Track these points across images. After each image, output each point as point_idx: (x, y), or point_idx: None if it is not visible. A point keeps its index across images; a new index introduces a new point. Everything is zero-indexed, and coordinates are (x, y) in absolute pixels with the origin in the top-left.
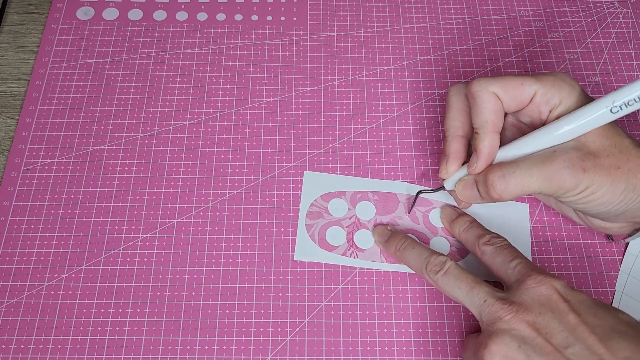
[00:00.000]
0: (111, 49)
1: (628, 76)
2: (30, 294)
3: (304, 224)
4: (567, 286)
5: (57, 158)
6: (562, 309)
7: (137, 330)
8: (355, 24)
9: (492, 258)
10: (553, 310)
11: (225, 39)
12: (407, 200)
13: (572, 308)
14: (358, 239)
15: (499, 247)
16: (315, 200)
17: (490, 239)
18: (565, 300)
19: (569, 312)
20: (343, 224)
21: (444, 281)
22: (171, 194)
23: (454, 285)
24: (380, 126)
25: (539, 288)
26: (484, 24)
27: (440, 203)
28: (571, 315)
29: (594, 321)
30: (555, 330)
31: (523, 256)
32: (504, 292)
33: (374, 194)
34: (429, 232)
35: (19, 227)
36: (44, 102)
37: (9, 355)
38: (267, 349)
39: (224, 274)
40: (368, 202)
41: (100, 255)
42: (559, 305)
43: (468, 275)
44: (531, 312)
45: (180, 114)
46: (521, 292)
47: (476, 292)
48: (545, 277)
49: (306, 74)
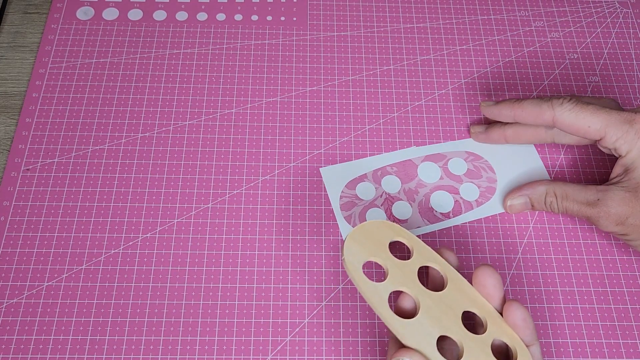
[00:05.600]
0: (111, 49)
1: (628, 76)
2: (30, 294)
3: (342, 217)
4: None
5: (57, 158)
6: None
7: (137, 330)
8: (355, 24)
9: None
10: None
11: (225, 39)
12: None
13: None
14: (397, 212)
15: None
16: (342, 191)
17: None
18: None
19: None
20: (377, 204)
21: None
22: (171, 194)
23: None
24: (380, 126)
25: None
26: (484, 24)
27: (455, 153)
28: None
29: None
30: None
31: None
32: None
33: (392, 166)
34: (454, 182)
35: (19, 227)
36: (44, 102)
37: (9, 355)
38: (267, 349)
39: (224, 274)
40: (390, 176)
41: (100, 255)
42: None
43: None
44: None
45: (180, 114)
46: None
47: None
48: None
49: (306, 74)
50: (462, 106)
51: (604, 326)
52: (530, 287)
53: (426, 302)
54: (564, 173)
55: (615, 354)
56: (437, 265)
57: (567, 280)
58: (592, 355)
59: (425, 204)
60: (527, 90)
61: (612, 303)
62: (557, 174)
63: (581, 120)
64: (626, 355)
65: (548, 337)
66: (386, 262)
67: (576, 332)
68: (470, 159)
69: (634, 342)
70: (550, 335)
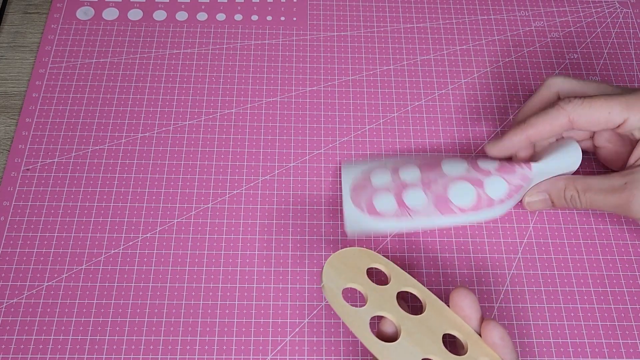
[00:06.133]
0: (111, 49)
1: (628, 76)
2: (30, 294)
3: (349, 197)
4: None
5: (57, 158)
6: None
7: (137, 330)
8: (355, 24)
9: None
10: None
11: (225, 39)
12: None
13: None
14: (409, 200)
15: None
16: (355, 177)
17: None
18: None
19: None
20: (389, 189)
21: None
22: (171, 194)
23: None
24: (380, 126)
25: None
26: (484, 24)
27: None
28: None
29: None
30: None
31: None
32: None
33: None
34: (480, 175)
35: (19, 227)
36: (44, 102)
37: (9, 355)
38: (267, 349)
39: (224, 274)
40: (410, 165)
41: (100, 255)
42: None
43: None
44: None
45: (180, 114)
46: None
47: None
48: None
49: (306, 74)
50: (462, 106)
51: (604, 326)
52: (530, 287)
53: (407, 325)
54: None
55: (615, 354)
56: (415, 289)
57: (567, 280)
58: (592, 355)
59: (442, 194)
60: (528, 90)
61: (612, 303)
62: None
63: (599, 109)
64: (626, 355)
65: (548, 337)
66: (365, 288)
67: (576, 332)
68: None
69: (634, 342)
70: (550, 335)
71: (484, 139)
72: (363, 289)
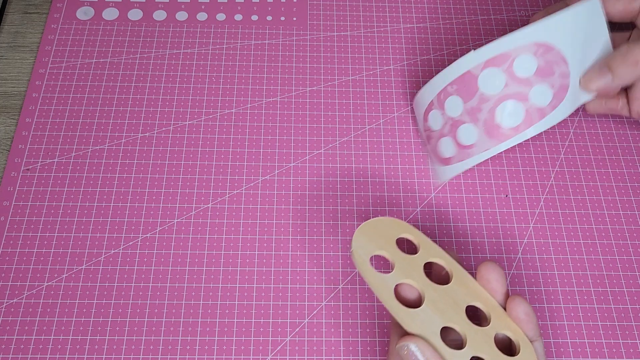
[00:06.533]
0: (111, 49)
1: None
2: (30, 294)
3: (428, 153)
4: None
5: (57, 158)
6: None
7: (137, 330)
8: (355, 24)
9: None
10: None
11: (225, 39)
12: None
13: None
14: (462, 137)
15: None
16: (422, 126)
17: None
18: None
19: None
20: (445, 132)
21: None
22: (171, 194)
23: None
24: (380, 126)
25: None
26: (484, 24)
27: (521, 50)
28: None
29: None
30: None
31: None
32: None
33: (452, 85)
34: (522, 87)
35: (19, 227)
36: (44, 102)
37: (9, 355)
38: (267, 349)
39: (224, 274)
40: (451, 97)
41: (100, 255)
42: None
43: None
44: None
45: (180, 114)
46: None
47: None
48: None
49: (306, 74)
50: None
51: (604, 326)
52: (530, 287)
53: (431, 294)
54: (564, 173)
55: (615, 354)
56: (442, 261)
57: (567, 280)
58: (592, 355)
59: (490, 121)
60: None
61: (612, 303)
62: (557, 174)
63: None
64: (626, 355)
65: (548, 337)
66: (393, 256)
67: (576, 332)
68: (540, 53)
69: (634, 342)
70: (550, 335)
71: None
72: (391, 256)
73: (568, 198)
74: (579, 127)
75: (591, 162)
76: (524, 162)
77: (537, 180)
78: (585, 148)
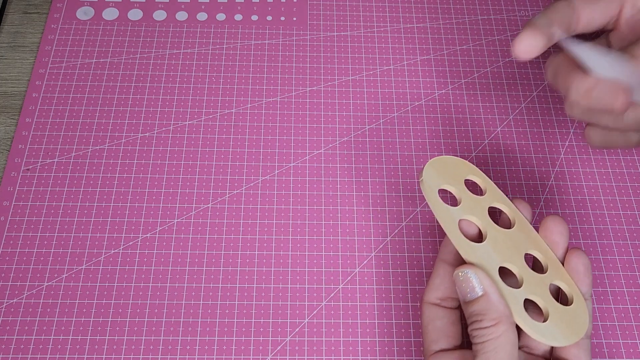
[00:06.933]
0: (111, 49)
1: None
2: (30, 294)
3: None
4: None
5: (57, 158)
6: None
7: (137, 330)
8: (355, 24)
9: None
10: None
11: (225, 39)
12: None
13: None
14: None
15: None
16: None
17: None
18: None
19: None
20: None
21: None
22: (171, 194)
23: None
24: (380, 126)
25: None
26: (484, 24)
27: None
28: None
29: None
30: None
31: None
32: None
33: None
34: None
35: (19, 227)
36: (44, 102)
37: (9, 355)
38: (267, 349)
39: (224, 274)
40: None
41: (100, 255)
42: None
43: None
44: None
45: (180, 114)
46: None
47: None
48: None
49: (306, 74)
50: (462, 106)
51: (604, 326)
52: None
53: (493, 234)
54: (564, 173)
55: (615, 354)
56: (507, 207)
57: None
58: (592, 355)
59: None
60: (527, 90)
61: (612, 303)
62: (557, 174)
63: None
64: (626, 355)
65: None
66: (460, 193)
67: None
68: None
69: (634, 342)
70: None
71: (484, 138)
72: (457, 192)
73: (568, 198)
74: (579, 127)
75: (591, 162)
76: (524, 162)
77: (537, 180)
78: (585, 148)
